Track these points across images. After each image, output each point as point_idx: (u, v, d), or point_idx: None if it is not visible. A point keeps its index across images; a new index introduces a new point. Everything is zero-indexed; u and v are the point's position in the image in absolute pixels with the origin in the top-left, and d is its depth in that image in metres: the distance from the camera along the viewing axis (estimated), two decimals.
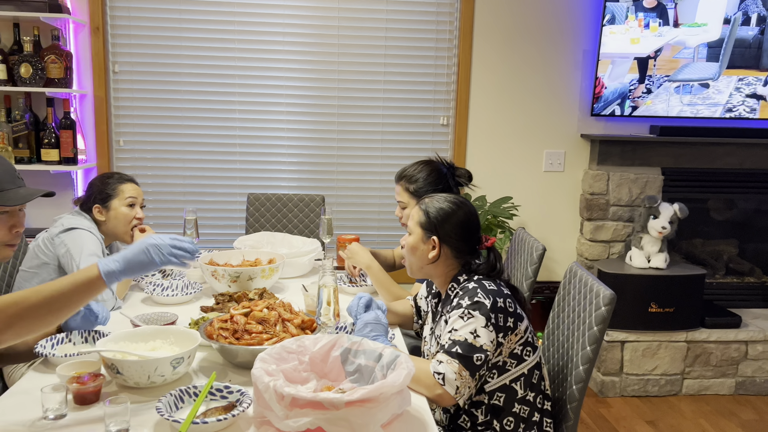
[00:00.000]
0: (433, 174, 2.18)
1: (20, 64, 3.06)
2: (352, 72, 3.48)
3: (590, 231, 3.56)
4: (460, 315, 1.53)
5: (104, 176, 2.29)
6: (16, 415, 1.34)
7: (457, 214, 1.66)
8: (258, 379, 1.27)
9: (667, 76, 3.46)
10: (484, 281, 1.58)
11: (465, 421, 1.62)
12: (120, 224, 2.24)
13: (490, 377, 1.57)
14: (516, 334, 1.57)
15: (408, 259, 1.71)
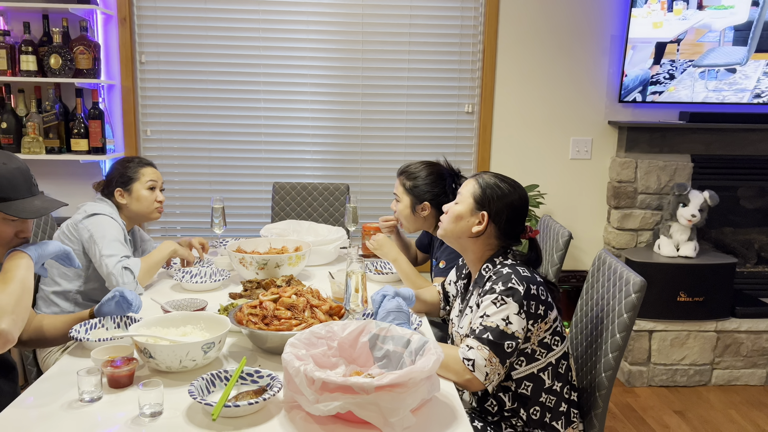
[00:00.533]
0: (432, 175, 2.22)
1: (50, 55, 3.10)
2: (376, 60, 3.47)
3: (618, 219, 3.52)
4: (492, 300, 1.52)
5: (125, 160, 2.33)
6: (53, 397, 1.37)
7: (512, 195, 1.64)
8: (288, 363, 1.29)
9: (691, 61, 3.37)
10: (518, 267, 1.57)
11: (492, 405, 1.61)
12: (142, 206, 2.29)
13: (518, 364, 1.57)
14: (545, 322, 1.55)
15: (447, 226, 1.68)
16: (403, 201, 2.26)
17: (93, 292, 2.23)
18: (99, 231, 2.12)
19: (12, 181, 1.46)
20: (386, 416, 1.22)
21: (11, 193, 1.46)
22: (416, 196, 2.23)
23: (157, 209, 2.31)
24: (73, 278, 2.21)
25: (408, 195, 2.25)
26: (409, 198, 2.25)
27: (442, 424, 1.30)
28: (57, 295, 2.20)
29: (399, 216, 2.30)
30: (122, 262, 2.07)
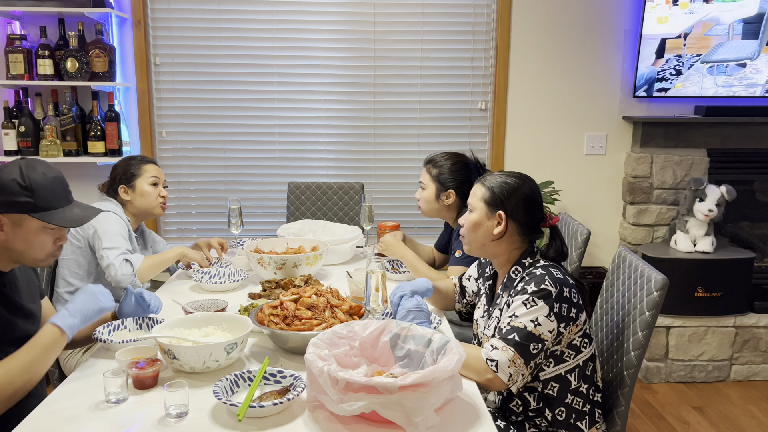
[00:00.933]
0: (458, 164, 2.27)
1: (66, 58, 3.13)
2: (388, 58, 3.47)
3: (633, 215, 3.50)
4: (523, 301, 1.51)
5: (127, 158, 2.40)
6: (79, 398, 1.39)
7: (522, 188, 1.63)
8: (312, 363, 1.29)
9: (699, 56, 3.32)
10: (551, 268, 1.56)
11: (517, 405, 1.61)
12: (146, 201, 2.34)
13: (546, 365, 1.56)
14: (576, 324, 1.55)
15: (469, 237, 1.68)
16: (429, 188, 2.31)
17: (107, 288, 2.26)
18: (102, 226, 2.18)
19: (52, 190, 1.48)
20: (410, 416, 1.23)
21: (52, 203, 1.48)
22: (441, 183, 2.28)
23: (160, 204, 2.37)
24: (84, 276, 2.25)
25: (434, 182, 2.29)
26: (435, 185, 2.29)
27: (465, 423, 1.31)
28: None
29: (422, 203, 2.34)
30: (124, 255, 2.12)
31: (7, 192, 1.43)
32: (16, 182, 1.44)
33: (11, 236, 1.46)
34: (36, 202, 1.45)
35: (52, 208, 1.48)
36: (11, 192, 1.43)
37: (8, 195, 1.43)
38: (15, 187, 1.43)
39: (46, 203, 1.47)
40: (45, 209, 1.46)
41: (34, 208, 1.45)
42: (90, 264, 2.25)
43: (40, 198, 1.45)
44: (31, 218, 1.46)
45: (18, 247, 1.48)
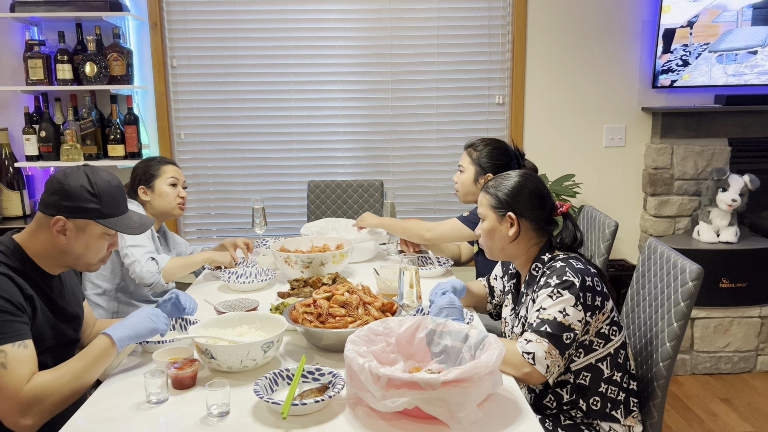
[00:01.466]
0: (499, 150, 2.29)
1: (85, 63, 3.15)
2: (404, 55, 3.46)
3: (654, 206, 3.48)
4: (548, 294, 1.52)
5: (147, 159, 2.41)
6: (120, 399, 1.40)
7: (526, 185, 1.65)
8: (352, 360, 1.30)
9: (707, 44, 3.24)
10: (571, 260, 1.56)
11: (551, 401, 1.61)
12: (164, 202, 2.35)
13: (577, 356, 1.56)
14: (603, 313, 1.54)
15: (486, 244, 1.70)
16: (468, 171, 2.32)
17: (132, 287, 2.28)
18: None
19: (115, 198, 1.52)
20: (453, 411, 1.23)
21: (115, 210, 1.52)
22: (481, 167, 2.29)
23: (179, 205, 2.37)
24: (109, 277, 2.26)
25: (474, 165, 2.30)
26: (475, 168, 2.30)
27: (507, 417, 1.30)
28: (99, 296, 2.25)
29: (460, 186, 2.37)
30: (150, 253, 2.13)
31: (75, 198, 1.46)
32: (85, 189, 1.47)
33: (72, 241, 1.49)
34: (102, 208, 1.49)
35: (115, 215, 1.51)
36: (80, 198, 1.46)
37: (77, 201, 1.46)
38: (84, 194, 1.47)
39: (110, 210, 1.50)
40: (109, 216, 1.50)
41: (100, 215, 1.48)
42: (115, 265, 2.26)
43: (106, 205, 1.49)
44: (95, 224, 1.49)
45: (76, 252, 1.50)
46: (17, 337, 1.36)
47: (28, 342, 1.38)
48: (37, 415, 1.34)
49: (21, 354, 1.35)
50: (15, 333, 1.36)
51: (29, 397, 1.32)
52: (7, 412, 1.32)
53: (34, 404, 1.33)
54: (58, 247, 1.49)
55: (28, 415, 1.33)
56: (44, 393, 1.34)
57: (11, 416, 1.32)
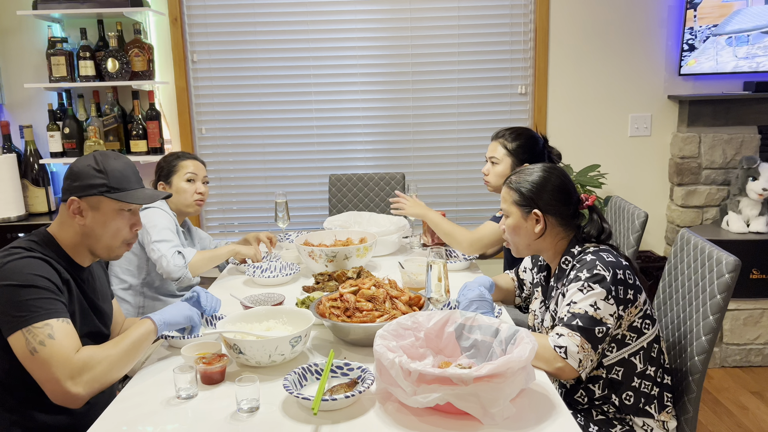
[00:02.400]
0: (532, 140, 2.23)
1: (107, 59, 3.16)
2: (425, 45, 3.43)
3: (681, 196, 3.41)
4: (579, 288, 1.48)
5: (167, 155, 2.41)
6: (150, 394, 1.40)
7: (550, 180, 1.61)
8: (382, 355, 1.28)
9: (714, 26, 3.11)
10: (601, 252, 1.53)
11: (582, 396, 1.58)
12: (180, 198, 2.33)
13: (609, 351, 1.53)
14: (636, 306, 1.51)
15: (512, 240, 1.67)
16: (504, 162, 2.22)
17: (157, 281, 2.29)
18: (150, 221, 2.18)
19: (124, 173, 1.54)
20: (486, 407, 1.21)
21: (125, 184, 1.53)
22: (517, 157, 2.20)
23: (196, 201, 2.34)
24: (135, 273, 2.26)
25: (510, 156, 2.21)
26: (511, 159, 2.21)
27: (540, 413, 1.28)
28: (125, 291, 2.26)
29: (494, 178, 2.25)
30: (176, 247, 2.13)
31: (82, 176, 1.50)
32: (91, 167, 1.51)
33: (90, 221, 1.51)
34: (110, 182, 1.51)
35: (125, 189, 1.53)
36: (87, 176, 1.50)
37: (84, 179, 1.50)
38: (90, 171, 1.50)
39: (119, 184, 1.52)
40: (119, 190, 1.52)
41: (108, 189, 1.50)
42: (140, 260, 2.27)
43: (114, 179, 1.51)
44: (107, 200, 1.51)
45: (96, 232, 1.52)
46: (60, 313, 1.40)
47: (69, 321, 1.42)
48: (87, 383, 1.36)
49: (66, 328, 1.39)
50: (57, 310, 1.40)
51: (79, 364, 1.35)
52: (59, 379, 1.33)
53: (84, 370, 1.35)
54: (80, 231, 1.52)
55: (78, 382, 1.35)
56: (92, 361, 1.37)
57: (62, 384, 1.33)
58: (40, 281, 1.39)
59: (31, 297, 1.36)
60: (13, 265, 1.39)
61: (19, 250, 1.44)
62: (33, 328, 1.34)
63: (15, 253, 1.42)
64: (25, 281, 1.37)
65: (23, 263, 1.40)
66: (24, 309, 1.35)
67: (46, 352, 1.33)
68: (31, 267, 1.40)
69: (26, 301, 1.36)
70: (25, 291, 1.36)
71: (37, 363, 1.34)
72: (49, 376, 1.34)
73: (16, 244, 1.47)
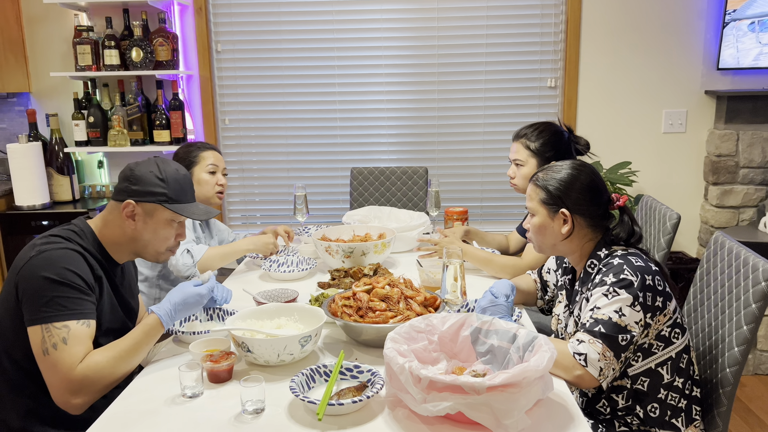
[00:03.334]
0: (556, 135, 2.10)
1: (131, 48, 3.15)
2: (452, 37, 3.34)
3: (716, 196, 3.27)
4: (604, 293, 1.41)
5: (187, 145, 2.35)
6: (155, 392, 1.37)
7: (579, 178, 1.52)
8: (392, 360, 1.23)
9: (733, 11, 2.90)
10: (630, 256, 1.44)
11: (604, 406, 1.50)
12: (203, 190, 2.27)
13: (634, 360, 1.45)
14: (665, 314, 1.43)
15: (537, 240, 1.58)
16: (529, 164, 2.10)
17: (173, 275, 2.26)
18: None
19: (182, 185, 1.55)
20: (499, 418, 1.14)
21: (182, 197, 1.55)
22: (542, 157, 2.08)
23: (217, 194, 2.30)
24: (150, 264, 2.24)
25: (534, 157, 2.08)
26: (536, 160, 2.08)
27: (557, 425, 1.21)
28: (141, 283, 2.24)
29: (520, 181, 2.13)
30: (186, 245, 2.10)
31: (144, 182, 1.50)
32: (153, 174, 1.51)
33: (141, 226, 1.52)
34: (169, 193, 1.52)
35: (182, 201, 1.54)
36: (148, 182, 1.50)
37: (145, 185, 1.50)
38: (152, 179, 1.51)
39: (177, 196, 1.53)
40: (177, 201, 1.53)
41: (167, 199, 1.51)
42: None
43: (173, 190, 1.52)
44: (163, 209, 1.52)
45: (145, 238, 1.53)
46: (83, 315, 1.39)
47: (91, 322, 1.41)
48: (88, 394, 1.36)
49: (82, 332, 1.38)
50: (81, 311, 1.39)
51: (80, 377, 1.34)
52: (59, 389, 1.35)
53: (86, 384, 1.35)
54: (128, 233, 1.52)
55: (78, 395, 1.35)
56: (96, 374, 1.36)
57: (62, 394, 1.35)
58: (72, 277, 1.39)
59: (59, 294, 1.36)
60: (49, 255, 1.39)
61: (59, 239, 1.45)
62: (52, 326, 1.35)
63: (54, 242, 1.43)
64: (57, 275, 1.37)
65: (60, 254, 1.40)
66: (49, 305, 1.36)
67: (56, 356, 1.34)
68: (66, 260, 1.40)
69: (53, 298, 1.36)
70: (54, 287, 1.36)
71: (45, 364, 1.35)
72: (52, 382, 1.36)
73: (56, 232, 1.48)
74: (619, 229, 1.53)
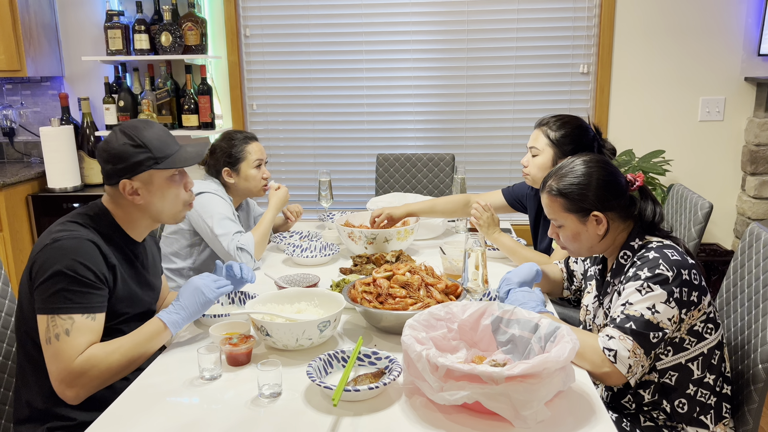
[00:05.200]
0: (579, 129, 1.97)
1: (161, 33, 3.17)
2: (481, 21, 3.28)
3: (755, 187, 3.16)
4: (637, 288, 1.35)
5: (229, 138, 2.26)
6: (174, 373, 1.38)
7: (593, 175, 1.44)
8: (409, 347, 1.21)
9: None
10: (665, 249, 1.38)
11: (629, 401, 1.46)
12: (249, 185, 2.26)
13: (664, 355, 1.40)
14: (699, 309, 1.37)
15: (572, 247, 1.51)
16: (545, 154, 1.99)
17: (204, 268, 2.27)
18: (207, 210, 2.11)
19: (162, 138, 1.50)
20: (518, 409, 1.12)
21: (167, 150, 1.50)
22: (560, 149, 1.97)
23: (263, 187, 2.28)
24: (185, 256, 2.24)
25: (552, 147, 1.98)
26: (553, 151, 1.98)
27: (578, 417, 1.18)
28: (172, 272, 2.26)
29: (534, 170, 2.03)
30: (235, 241, 2.07)
31: (125, 157, 1.45)
32: (129, 145, 1.46)
33: (147, 196, 1.49)
34: (154, 154, 1.47)
35: (169, 154, 1.50)
36: (130, 155, 1.45)
37: (128, 159, 1.45)
38: (131, 150, 1.46)
39: (163, 152, 1.49)
40: (165, 158, 1.49)
41: (156, 161, 1.47)
42: (192, 245, 2.23)
43: (156, 149, 1.48)
44: (157, 171, 1.49)
45: (157, 205, 1.51)
46: (89, 309, 1.38)
47: (98, 315, 1.39)
48: (82, 387, 1.35)
49: (86, 325, 1.36)
50: (88, 305, 1.38)
51: (77, 369, 1.34)
52: (56, 379, 1.35)
53: (81, 376, 1.34)
54: (140, 208, 1.51)
55: (73, 386, 1.35)
56: (93, 367, 1.35)
57: (58, 384, 1.35)
58: (82, 271, 1.36)
59: (67, 287, 1.35)
60: (61, 245, 1.37)
61: (74, 226, 1.43)
62: (57, 317, 1.34)
63: (68, 230, 1.41)
64: (67, 268, 1.35)
65: (73, 245, 1.38)
66: (57, 297, 1.35)
67: (57, 346, 1.33)
68: (78, 252, 1.37)
69: (61, 290, 1.35)
70: (64, 279, 1.35)
71: (48, 353, 1.35)
72: (51, 370, 1.35)
73: (72, 218, 1.46)
74: (644, 207, 1.46)
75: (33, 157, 3.58)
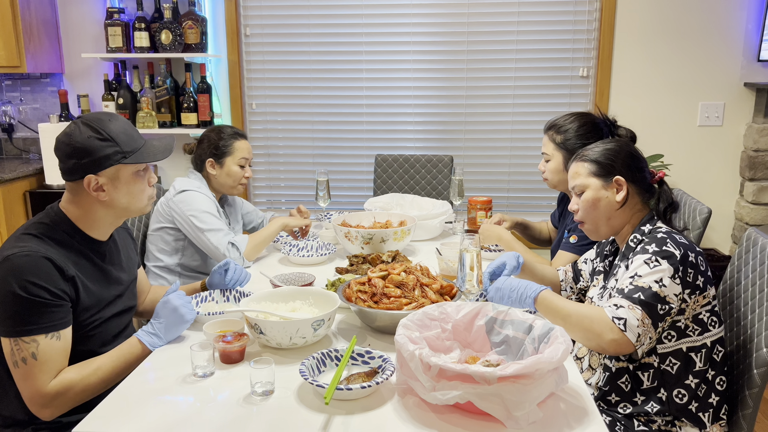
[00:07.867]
0: (586, 126, 1.97)
1: (161, 31, 3.17)
2: (481, 23, 3.28)
3: (753, 192, 3.16)
4: (645, 260, 1.39)
5: (219, 130, 2.26)
6: (167, 370, 1.37)
7: (623, 147, 1.55)
8: (402, 346, 1.21)
9: None
10: (674, 234, 1.43)
11: (626, 383, 1.46)
12: (230, 180, 2.24)
13: (667, 338, 1.42)
14: (704, 296, 1.40)
15: (590, 217, 1.55)
16: (555, 159, 2.01)
17: (192, 264, 2.26)
18: (190, 207, 2.11)
19: (128, 132, 1.45)
20: (510, 409, 1.11)
21: (134, 144, 1.45)
22: (569, 150, 1.98)
23: (241, 185, 2.26)
24: (171, 253, 2.23)
25: (560, 150, 1.99)
26: (562, 154, 1.99)
27: (571, 418, 1.18)
28: (160, 269, 2.25)
29: (549, 175, 2.06)
30: (228, 237, 2.07)
31: (92, 151, 1.39)
32: (95, 138, 1.39)
33: (113, 193, 1.44)
34: (122, 147, 1.42)
35: (136, 149, 1.45)
36: (96, 149, 1.39)
37: (95, 153, 1.39)
38: (97, 143, 1.39)
39: (130, 146, 1.44)
40: (132, 152, 1.44)
41: (123, 155, 1.42)
42: (177, 242, 2.22)
43: (123, 143, 1.42)
44: (124, 166, 1.44)
45: (122, 201, 1.46)
46: (51, 327, 1.33)
47: (62, 332, 1.35)
48: (58, 407, 1.34)
49: (53, 346, 1.33)
50: (50, 323, 1.33)
51: (52, 393, 1.32)
52: (30, 401, 1.33)
53: (57, 398, 1.33)
54: (104, 205, 1.44)
55: (47, 407, 1.34)
56: (69, 391, 1.34)
57: (33, 405, 1.34)
58: (36, 291, 1.30)
59: (23, 309, 1.30)
60: (12, 264, 1.31)
61: (28, 239, 1.36)
62: (20, 341, 1.30)
63: (20, 245, 1.34)
64: (21, 289, 1.29)
65: (25, 263, 1.31)
66: (15, 319, 1.30)
67: (25, 370, 1.31)
68: (30, 271, 1.31)
69: (18, 312, 1.30)
70: (18, 301, 1.29)
71: (17, 375, 1.33)
72: (23, 392, 1.33)
73: (26, 230, 1.39)
74: (660, 199, 1.54)
75: (31, 154, 3.58)
